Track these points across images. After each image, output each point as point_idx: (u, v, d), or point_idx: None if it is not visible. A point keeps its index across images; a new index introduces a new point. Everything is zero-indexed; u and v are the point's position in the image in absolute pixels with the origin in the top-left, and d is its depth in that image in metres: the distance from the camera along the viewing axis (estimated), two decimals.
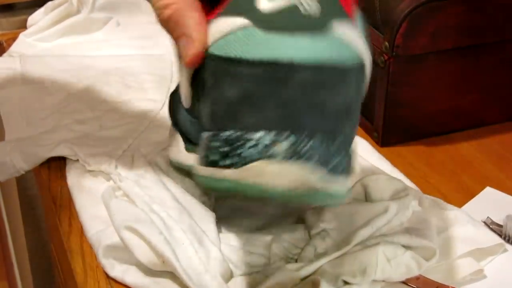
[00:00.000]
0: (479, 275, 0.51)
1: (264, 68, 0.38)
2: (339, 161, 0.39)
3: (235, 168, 0.38)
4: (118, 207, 0.53)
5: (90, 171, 0.62)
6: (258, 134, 0.38)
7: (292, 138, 0.38)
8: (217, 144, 0.39)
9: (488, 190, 0.62)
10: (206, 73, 0.41)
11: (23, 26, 0.92)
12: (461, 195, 0.61)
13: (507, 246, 0.54)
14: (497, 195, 0.61)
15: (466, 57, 0.67)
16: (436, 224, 0.53)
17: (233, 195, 0.42)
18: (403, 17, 0.62)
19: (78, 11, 0.91)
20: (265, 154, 0.38)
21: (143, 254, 0.49)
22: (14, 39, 0.89)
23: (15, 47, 0.87)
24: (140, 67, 0.81)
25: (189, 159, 0.55)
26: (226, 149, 0.39)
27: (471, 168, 0.65)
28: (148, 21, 0.91)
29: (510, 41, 0.68)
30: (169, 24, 0.41)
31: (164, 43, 0.84)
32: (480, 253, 0.52)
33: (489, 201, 0.60)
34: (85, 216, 0.56)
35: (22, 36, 0.88)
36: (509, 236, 0.55)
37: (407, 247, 0.50)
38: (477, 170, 0.65)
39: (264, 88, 0.38)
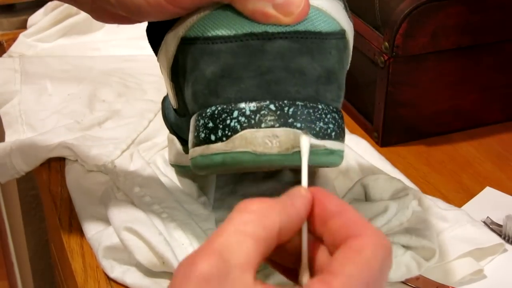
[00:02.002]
0: (479, 275, 0.51)
1: (240, 41, 0.39)
2: (324, 125, 0.40)
3: (223, 141, 0.39)
4: (118, 207, 0.53)
5: (89, 171, 0.62)
6: (241, 105, 0.39)
7: (273, 106, 0.39)
8: (203, 121, 0.40)
9: (488, 190, 0.62)
10: (185, 58, 0.41)
11: (23, 27, 0.92)
12: (461, 195, 0.61)
13: (507, 246, 0.54)
14: (497, 195, 0.61)
15: (466, 57, 0.67)
16: (436, 224, 0.53)
17: (226, 170, 0.42)
18: (403, 17, 0.62)
19: (78, 11, 0.91)
20: (250, 122, 0.39)
21: (143, 255, 0.49)
22: (14, 39, 0.89)
23: (15, 48, 0.87)
24: (139, 68, 0.81)
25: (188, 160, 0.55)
26: (211, 124, 0.40)
27: (471, 168, 0.65)
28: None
29: (510, 41, 0.68)
30: None
31: None
32: (480, 253, 0.52)
33: (489, 201, 0.60)
34: (85, 217, 0.56)
35: (22, 37, 0.88)
36: (509, 236, 0.55)
37: (407, 247, 0.50)
38: (477, 170, 0.65)
39: (241, 60, 0.39)
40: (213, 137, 0.40)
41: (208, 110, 0.40)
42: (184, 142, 0.55)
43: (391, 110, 0.67)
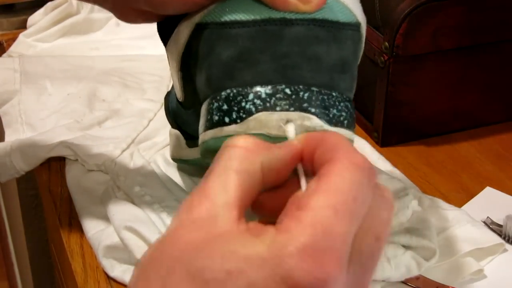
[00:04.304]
0: (479, 275, 0.51)
1: (258, 26, 0.39)
2: (337, 112, 0.40)
3: (238, 123, 0.39)
4: (118, 207, 0.53)
5: (89, 171, 0.62)
6: (257, 88, 0.39)
7: (288, 90, 0.39)
8: (217, 104, 0.40)
9: (488, 190, 0.62)
10: (200, 44, 0.42)
11: (23, 26, 0.92)
12: (461, 195, 0.61)
13: (507, 246, 0.54)
14: (497, 195, 0.61)
15: (466, 57, 0.67)
16: (436, 224, 0.53)
17: None
18: (403, 17, 0.62)
19: (78, 11, 0.91)
20: (266, 105, 0.39)
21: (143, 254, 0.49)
22: (14, 39, 0.89)
23: (15, 47, 0.87)
24: (139, 67, 0.81)
25: (192, 154, 0.55)
26: (226, 106, 0.40)
27: (471, 168, 0.65)
28: None
29: (510, 41, 0.68)
30: None
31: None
32: (480, 253, 0.52)
33: (489, 201, 0.60)
34: (85, 216, 0.56)
35: (22, 37, 0.88)
36: (509, 236, 0.55)
37: (407, 247, 0.49)
38: (477, 170, 0.65)
39: (258, 45, 0.39)
40: (227, 119, 0.40)
41: (223, 93, 0.40)
42: (187, 136, 0.55)
43: (391, 110, 0.67)
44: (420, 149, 0.68)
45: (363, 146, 0.66)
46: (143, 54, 0.84)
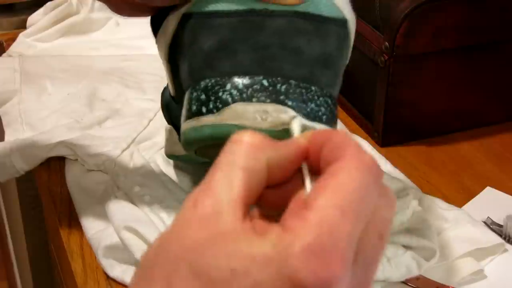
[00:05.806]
0: (479, 275, 0.51)
1: (240, 17, 0.39)
2: (315, 107, 0.40)
3: (214, 113, 0.39)
4: (118, 207, 0.53)
5: (89, 170, 0.62)
6: (235, 79, 0.39)
7: (266, 81, 0.39)
8: (196, 94, 0.40)
9: (488, 190, 0.62)
10: (185, 34, 0.42)
11: (23, 26, 0.92)
12: (461, 195, 0.61)
13: (507, 246, 0.54)
14: (497, 195, 0.61)
15: (466, 57, 0.67)
16: (436, 224, 0.53)
17: (215, 145, 0.42)
18: (403, 17, 0.62)
19: (77, 11, 0.91)
20: (242, 96, 0.39)
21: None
22: (14, 39, 0.89)
23: (14, 47, 0.87)
24: (139, 67, 0.81)
25: (183, 150, 0.55)
26: (204, 96, 0.40)
27: (471, 168, 0.65)
28: (147, 21, 0.91)
29: (510, 41, 0.68)
30: None
31: None
32: (480, 253, 0.52)
33: (489, 201, 0.60)
34: (85, 216, 0.56)
35: (21, 36, 0.88)
36: (509, 236, 0.55)
37: (407, 247, 0.49)
38: (477, 170, 0.65)
39: (239, 35, 0.39)
40: (204, 109, 0.40)
41: (202, 83, 0.40)
42: (179, 131, 0.55)
43: (391, 110, 0.67)
44: (420, 149, 0.68)
45: (363, 146, 0.65)
46: (143, 54, 0.84)
